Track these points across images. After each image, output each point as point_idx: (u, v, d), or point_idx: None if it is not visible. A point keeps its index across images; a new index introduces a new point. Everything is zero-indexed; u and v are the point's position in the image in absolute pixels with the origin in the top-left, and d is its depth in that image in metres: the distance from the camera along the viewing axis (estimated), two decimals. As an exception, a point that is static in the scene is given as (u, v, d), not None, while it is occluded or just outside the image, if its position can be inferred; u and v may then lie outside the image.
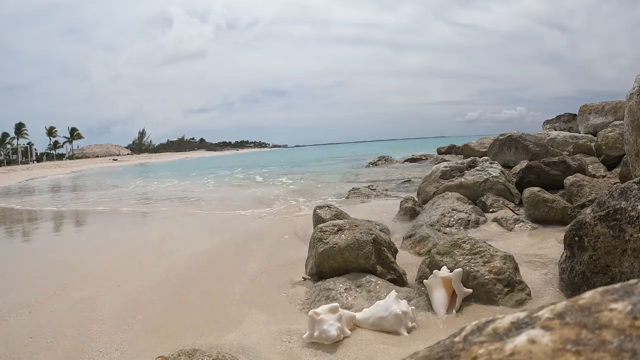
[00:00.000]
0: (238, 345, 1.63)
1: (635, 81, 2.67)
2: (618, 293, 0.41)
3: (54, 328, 1.92)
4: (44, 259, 3.43)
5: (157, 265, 2.97)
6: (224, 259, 3.03)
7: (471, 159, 4.89)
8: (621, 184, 1.83)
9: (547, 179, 3.95)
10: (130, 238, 4.31)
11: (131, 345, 1.72)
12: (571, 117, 10.18)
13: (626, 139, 2.79)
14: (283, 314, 1.97)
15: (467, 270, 1.99)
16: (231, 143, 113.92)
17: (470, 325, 0.47)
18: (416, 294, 2.01)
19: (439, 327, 1.75)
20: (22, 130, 55.84)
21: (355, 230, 2.32)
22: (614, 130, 5.46)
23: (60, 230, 5.14)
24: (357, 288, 2.08)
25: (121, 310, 2.10)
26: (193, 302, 2.21)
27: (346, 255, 2.21)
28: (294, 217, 4.78)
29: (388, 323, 1.70)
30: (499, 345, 0.39)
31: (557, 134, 7.56)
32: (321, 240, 2.30)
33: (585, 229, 1.80)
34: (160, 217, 5.60)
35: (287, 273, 2.55)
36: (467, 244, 2.12)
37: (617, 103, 7.64)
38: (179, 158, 50.66)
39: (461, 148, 11.16)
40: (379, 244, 2.29)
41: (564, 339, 0.36)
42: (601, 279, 1.75)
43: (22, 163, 47.61)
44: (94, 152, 67.72)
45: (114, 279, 2.64)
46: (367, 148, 43.29)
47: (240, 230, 4.17)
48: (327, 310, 1.67)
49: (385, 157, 14.46)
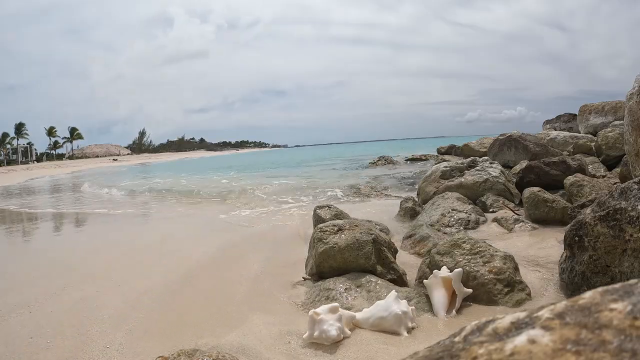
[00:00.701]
0: (238, 345, 1.63)
1: (635, 81, 2.67)
2: (618, 293, 0.41)
3: (54, 328, 1.92)
4: (44, 259, 3.43)
5: (158, 265, 2.97)
6: (224, 259, 3.03)
7: (471, 159, 4.89)
8: (621, 184, 1.83)
9: (547, 179, 3.95)
10: (130, 238, 4.31)
11: (131, 346, 1.72)
12: (571, 117, 10.18)
13: (626, 139, 2.79)
14: (283, 314, 1.97)
15: (467, 270, 1.99)
16: (231, 143, 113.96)
17: (470, 325, 0.47)
18: (416, 294, 2.01)
19: (439, 327, 1.76)
20: (22, 130, 55.87)
21: (355, 230, 2.32)
22: (614, 130, 5.46)
23: (60, 230, 5.15)
24: (357, 288, 2.08)
25: (121, 311, 2.10)
26: (193, 302, 2.21)
27: (346, 255, 2.21)
28: (294, 216, 4.78)
29: (388, 323, 1.70)
30: (499, 345, 0.39)
31: (557, 134, 7.56)
32: (321, 240, 2.30)
33: (585, 229, 1.80)
34: (160, 218, 5.60)
35: (287, 273, 2.55)
36: (467, 244, 2.12)
37: (617, 103, 7.64)
38: (179, 158, 50.66)
39: (461, 148, 11.15)
40: (379, 244, 2.29)
41: (564, 339, 0.36)
42: (601, 279, 1.75)
43: (22, 163, 47.62)
44: (94, 152, 67.72)
45: (114, 279, 2.64)
46: (367, 148, 43.28)
47: (239, 231, 4.17)
48: (327, 311, 1.67)
49: (385, 157, 14.44)
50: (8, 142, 54.37)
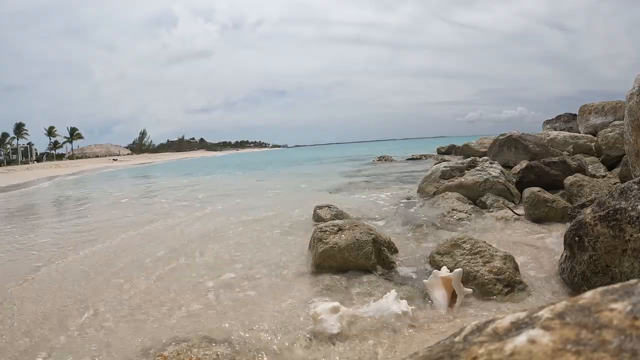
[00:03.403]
0: (238, 344, 1.63)
1: (635, 81, 2.67)
2: (618, 293, 0.41)
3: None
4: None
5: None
6: (224, 257, 3.03)
7: (471, 159, 4.90)
8: (621, 184, 1.83)
9: (547, 179, 3.95)
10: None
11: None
12: (571, 117, 10.18)
13: (626, 139, 2.79)
14: (283, 313, 1.97)
15: (467, 270, 1.99)
16: (231, 143, 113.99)
17: (470, 326, 0.47)
18: (416, 294, 2.01)
19: (439, 327, 1.75)
20: (22, 130, 55.88)
21: (355, 230, 2.32)
22: (614, 130, 5.46)
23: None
24: (357, 287, 2.08)
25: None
26: (196, 294, 2.21)
27: (346, 255, 2.21)
28: (293, 216, 4.77)
29: (388, 322, 1.70)
30: (499, 345, 0.39)
31: (557, 134, 7.56)
32: (321, 240, 2.30)
33: (585, 229, 1.81)
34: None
35: (288, 272, 2.55)
36: (467, 244, 2.12)
37: (617, 103, 7.64)
38: (179, 158, 50.67)
39: (461, 148, 11.17)
40: (379, 244, 2.29)
41: (564, 339, 0.36)
42: (601, 279, 1.75)
43: (22, 163, 47.63)
44: (94, 152, 67.74)
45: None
46: (367, 148, 43.27)
47: (239, 231, 4.17)
48: (328, 310, 1.67)
49: (385, 157, 14.44)
50: (8, 142, 54.39)
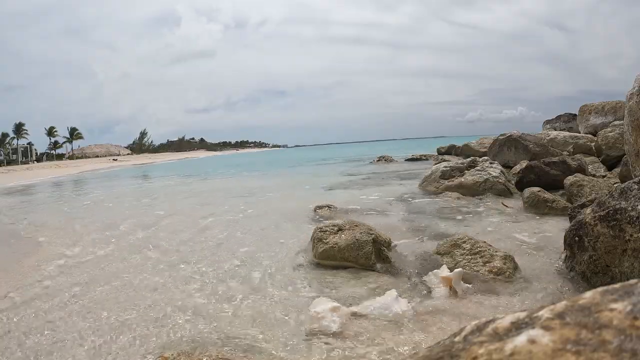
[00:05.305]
0: (238, 343, 1.63)
1: (635, 81, 2.67)
2: (618, 293, 0.41)
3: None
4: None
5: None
6: (224, 256, 3.03)
7: (471, 159, 4.90)
8: (621, 184, 1.83)
9: (547, 179, 3.95)
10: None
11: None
12: (571, 117, 10.18)
13: (626, 139, 2.79)
14: (285, 311, 1.97)
15: (467, 270, 1.99)
16: (231, 143, 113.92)
17: (470, 325, 0.47)
18: (416, 293, 2.01)
19: (439, 325, 1.75)
20: (22, 130, 55.86)
21: (356, 230, 2.32)
22: (614, 130, 5.46)
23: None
24: (357, 286, 2.08)
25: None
26: (200, 295, 2.21)
27: (346, 255, 2.21)
28: (294, 215, 4.77)
29: (387, 321, 1.70)
30: (499, 345, 0.39)
31: (557, 134, 7.56)
32: (321, 240, 2.30)
33: (585, 229, 1.81)
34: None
35: (287, 271, 2.55)
36: (467, 244, 2.12)
37: (617, 103, 7.64)
38: (180, 158, 50.64)
39: (461, 148, 11.17)
40: (379, 244, 2.29)
41: (564, 339, 0.36)
42: (601, 279, 1.75)
43: (22, 163, 47.63)
44: (94, 152, 67.70)
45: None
46: (367, 148, 43.26)
47: (239, 230, 4.17)
48: (328, 308, 1.67)
49: (385, 156, 14.44)
50: (8, 142, 54.38)
